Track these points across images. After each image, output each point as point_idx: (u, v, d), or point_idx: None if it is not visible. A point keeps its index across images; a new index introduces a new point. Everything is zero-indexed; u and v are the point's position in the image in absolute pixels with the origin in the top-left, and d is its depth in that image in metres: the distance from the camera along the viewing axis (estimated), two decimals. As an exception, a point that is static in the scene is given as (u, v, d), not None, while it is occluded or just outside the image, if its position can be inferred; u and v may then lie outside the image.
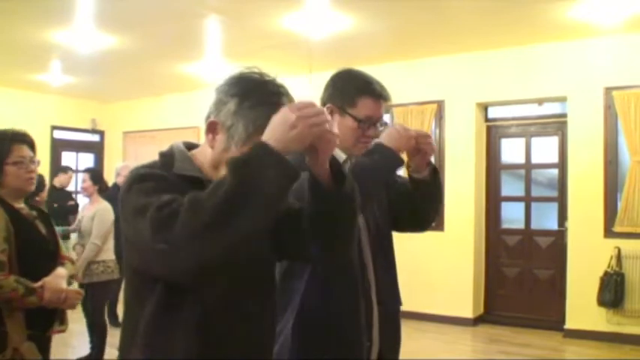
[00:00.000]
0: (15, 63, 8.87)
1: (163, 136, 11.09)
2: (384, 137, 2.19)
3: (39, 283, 2.64)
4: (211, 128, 1.69)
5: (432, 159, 2.38)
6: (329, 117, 1.55)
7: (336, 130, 1.57)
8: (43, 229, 2.86)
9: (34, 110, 10.61)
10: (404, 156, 2.25)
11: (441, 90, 8.05)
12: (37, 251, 2.76)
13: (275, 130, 1.47)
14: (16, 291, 2.55)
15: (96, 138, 12.25)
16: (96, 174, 6.40)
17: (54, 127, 11.16)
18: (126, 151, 11.88)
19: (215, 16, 6.62)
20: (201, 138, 9.53)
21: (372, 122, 2.26)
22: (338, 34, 6.98)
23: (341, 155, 2.29)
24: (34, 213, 2.89)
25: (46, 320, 2.74)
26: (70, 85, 10.21)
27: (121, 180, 7.77)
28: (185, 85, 10.24)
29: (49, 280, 2.67)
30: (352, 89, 2.30)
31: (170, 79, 9.81)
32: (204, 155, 1.75)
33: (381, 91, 2.31)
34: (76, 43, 7.43)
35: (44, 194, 6.95)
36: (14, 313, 2.59)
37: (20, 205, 2.82)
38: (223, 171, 1.55)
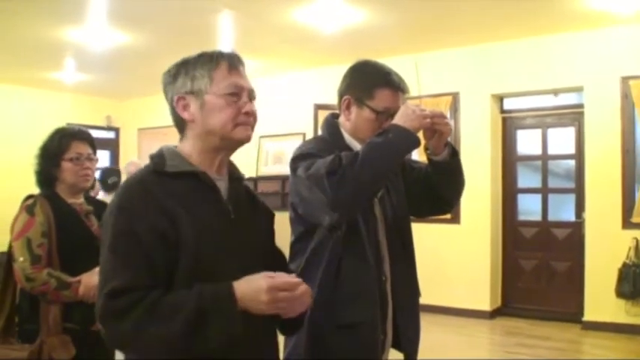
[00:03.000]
0: (29, 61, 8.91)
1: (178, 133, 11.11)
2: (398, 117, 2.13)
3: (76, 278, 2.68)
4: (181, 105, 1.76)
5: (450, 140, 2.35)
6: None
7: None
8: (95, 224, 2.89)
9: (49, 108, 10.67)
10: (420, 137, 2.20)
11: (456, 82, 8.01)
12: (81, 246, 2.79)
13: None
14: (49, 284, 2.60)
15: (111, 135, 12.31)
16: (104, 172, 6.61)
17: (69, 125, 11.19)
18: (141, 147, 11.92)
19: (228, 12, 6.62)
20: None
21: (389, 114, 2.23)
22: (350, 27, 6.96)
23: (356, 146, 2.28)
24: (90, 208, 2.92)
25: (88, 315, 2.75)
26: (84, 83, 10.26)
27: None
28: (199, 81, 10.23)
29: (86, 275, 2.69)
30: (370, 81, 2.28)
31: (184, 75, 9.81)
32: (189, 146, 1.80)
33: (399, 83, 2.29)
34: (89, 41, 7.46)
35: (96, 191, 7.04)
36: (50, 307, 2.63)
37: (75, 200, 2.87)
38: (214, 125, 1.72)
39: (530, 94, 7.84)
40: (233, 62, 1.81)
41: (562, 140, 7.80)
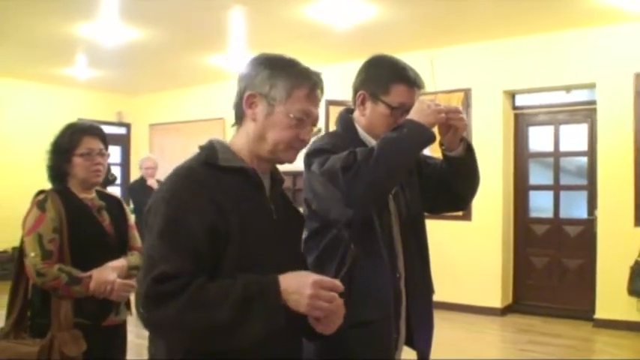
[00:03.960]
0: (41, 57, 8.95)
1: (189, 128, 11.16)
2: (413, 112, 2.12)
3: (87, 273, 2.69)
4: (249, 102, 1.75)
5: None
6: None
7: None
8: (107, 220, 2.90)
9: (60, 104, 10.73)
10: (435, 133, 2.17)
11: (468, 78, 7.98)
12: (92, 241, 2.81)
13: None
14: (59, 279, 2.62)
15: (122, 131, 12.35)
16: None
17: (80, 120, 11.24)
18: (152, 143, 11.95)
19: (239, 7, 6.62)
20: (227, 129, 9.62)
21: (404, 109, 2.21)
22: (362, 23, 6.95)
23: (371, 141, 2.27)
24: (102, 203, 2.93)
25: (100, 310, 2.76)
26: (95, 79, 10.29)
27: (144, 172, 7.83)
28: (210, 77, 10.26)
29: (97, 271, 2.71)
30: (386, 76, 2.27)
31: (195, 71, 9.84)
32: (241, 141, 1.80)
33: (415, 78, 2.27)
34: (101, 37, 7.48)
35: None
36: (61, 302, 2.64)
37: (86, 195, 2.88)
38: (270, 138, 1.73)
39: (543, 90, 7.80)
40: (315, 88, 1.77)
41: (574, 137, 7.76)
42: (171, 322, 1.54)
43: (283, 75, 1.73)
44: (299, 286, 1.57)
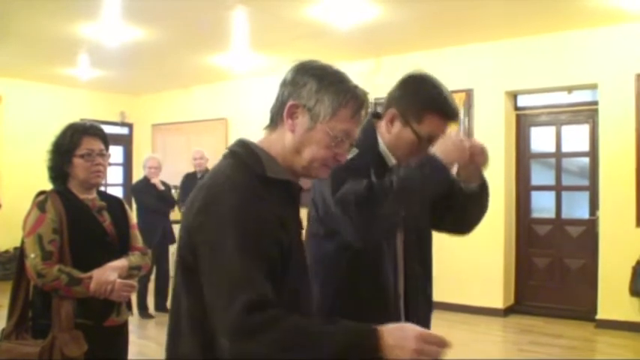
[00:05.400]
0: (44, 57, 8.96)
1: (192, 128, 11.18)
2: (438, 148, 2.04)
3: (87, 274, 2.69)
4: (291, 112, 1.67)
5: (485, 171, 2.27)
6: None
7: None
8: (107, 220, 2.90)
9: (63, 104, 10.75)
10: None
11: (470, 79, 7.97)
12: (93, 242, 2.81)
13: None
14: (60, 280, 2.62)
15: (125, 131, 12.35)
16: None
17: (83, 120, 11.25)
18: (155, 143, 11.96)
19: (242, 7, 6.62)
20: (229, 129, 9.61)
21: (432, 140, 2.14)
22: (365, 23, 6.94)
23: (390, 158, 2.23)
24: (103, 204, 2.93)
25: (101, 311, 2.76)
26: (98, 79, 10.30)
27: (147, 172, 7.86)
28: (213, 77, 10.27)
29: (97, 271, 2.71)
30: (422, 103, 2.17)
31: (198, 70, 9.85)
32: (277, 149, 1.72)
33: (453, 112, 2.20)
34: (103, 37, 7.48)
35: None
36: (62, 302, 2.64)
37: (87, 196, 2.88)
38: (306, 154, 1.67)
39: (545, 91, 7.80)
40: (361, 108, 1.71)
41: (576, 138, 7.76)
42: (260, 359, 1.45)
43: (331, 91, 1.66)
44: (402, 339, 1.48)
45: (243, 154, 1.69)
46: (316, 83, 1.66)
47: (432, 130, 2.16)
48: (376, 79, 8.66)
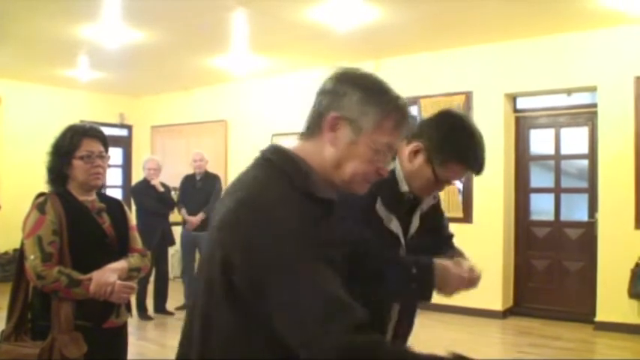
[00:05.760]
0: (44, 59, 8.97)
1: (191, 130, 11.18)
2: (439, 274, 2.03)
3: (87, 276, 2.69)
4: (332, 124, 1.57)
5: None
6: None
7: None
8: (107, 222, 2.90)
9: (63, 106, 10.75)
10: None
11: (469, 81, 7.98)
12: (92, 243, 2.81)
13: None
14: (59, 282, 2.62)
15: (124, 132, 12.36)
16: None
17: (82, 122, 11.25)
18: (154, 145, 11.97)
19: (241, 9, 6.63)
20: (229, 131, 9.58)
21: (449, 182, 2.20)
22: (364, 25, 6.95)
23: (403, 185, 2.22)
24: (102, 205, 2.93)
25: (100, 312, 2.77)
26: (98, 80, 10.31)
27: (147, 173, 7.88)
28: (212, 79, 10.28)
29: (97, 273, 2.71)
30: (452, 153, 2.14)
31: (197, 72, 9.86)
32: (315, 160, 1.60)
33: (479, 168, 2.18)
34: (103, 39, 7.49)
35: None
36: (61, 304, 2.64)
37: (87, 198, 2.87)
38: (348, 169, 1.58)
39: (544, 93, 7.80)
40: (405, 120, 1.62)
41: (575, 140, 7.77)
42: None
43: (375, 102, 1.57)
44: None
45: (283, 164, 1.57)
46: (359, 94, 1.57)
47: (453, 176, 2.20)
48: (375, 81, 8.69)
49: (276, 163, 1.57)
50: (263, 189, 1.51)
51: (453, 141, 2.14)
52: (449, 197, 7.82)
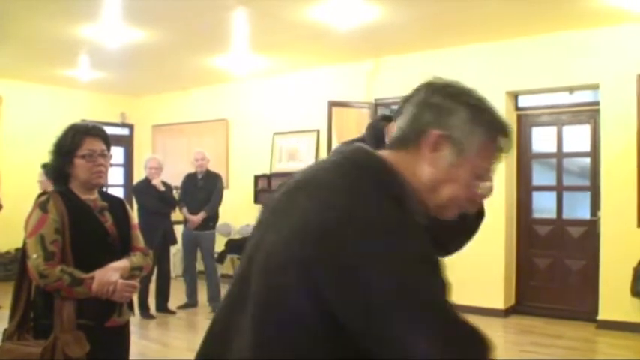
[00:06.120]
0: (44, 59, 8.97)
1: (192, 130, 11.18)
2: None
3: (89, 274, 2.69)
4: (434, 142, 1.39)
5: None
6: None
7: None
8: (109, 221, 2.90)
9: (64, 105, 10.75)
10: None
11: (471, 79, 7.73)
12: (95, 242, 2.81)
13: None
14: (62, 281, 2.62)
15: (125, 132, 12.36)
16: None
17: (83, 121, 11.26)
18: (155, 144, 11.97)
19: (242, 9, 6.62)
20: (230, 131, 9.57)
21: None
22: (365, 24, 6.95)
23: None
24: (105, 204, 2.93)
25: (103, 311, 2.77)
26: (99, 80, 10.30)
27: (148, 173, 7.88)
28: (213, 78, 10.28)
29: (99, 271, 2.71)
30: None
31: (198, 72, 9.86)
32: (408, 177, 1.41)
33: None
34: (104, 38, 7.49)
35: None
36: (64, 303, 2.64)
37: (89, 197, 2.87)
38: (445, 193, 1.42)
39: (546, 91, 7.79)
40: (508, 144, 1.48)
41: (577, 138, 7.76)
42: None
43: (483, 123, 1.42)
44: None
45: (380, 176, 1.36)
46: (467, 112, 1.41)
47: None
48: (376, 80, 8.69)
49: (370, 172, 1.36)
50: (368, 205, 1.27)
51: None
52: (450, 196, 7.80)
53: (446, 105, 1.42)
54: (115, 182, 11.92)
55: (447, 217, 1.49)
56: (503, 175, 7.71)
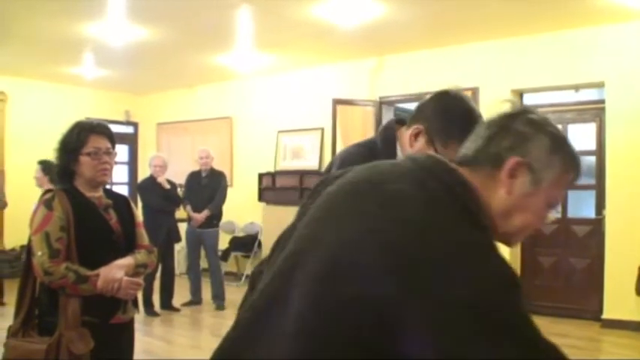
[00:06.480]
0: (49, 57, 8.98)
1: (197, 127, 11.19)
2: None
3: (94, 272, 2.69)
4: (514, 170, 1.36)
5: None
6: None
7: None
8: (114, 218, 2.90)
9: (68, 103, 10.77)
10: None
11: (476, 77, 7.95)
12: (100, 240, 2.81)
13: None
14: (67, 278, 2.62)
15: (130, 130, 12.37)
16: (46, 165, 6.85)
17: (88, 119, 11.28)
18: (159, 142, 11.98)
19: (246, 6, 6.63)
20: (234, 128, 9.57)
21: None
22: (369, 22, 6.94)
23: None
24: (109, 202, 2.93)
25: (107, 308, 2.77)
26: (103, 78, 10.32)
27: (153, 170, 7.89)
28: (217, 76, 10.28)
29: (104, 269, 2.71)
30: (453, 131, 2.05)
31: (202, 70, 9.86)
32: (490, 200, 1.37)
33: None
34: (108, 36, 7.50)
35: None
36: (69, 300, 2.64)
37: (94, 194, 2.88)
38: (517, 221, 1.41)
39: (551, 89, 7.77)
40: (578, 176, 1.45)
41: (583, 136, 7.73)
42: None
43: (562, 153, 1.40)
44: None
45: (465, 195, 1.31)
46: (548, 142, 1.39)
47: (454, 156, 2.15)
48: (381, 78, 8.68)
49: (453, 191, 1.30)
50: (451, 225, 1.24)
51: (453, 120, 2.10)
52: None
53: (527, 132, 1.39)
54: (119, 180, 11.93)
55: (512, 244, 1.48)
56: (507, 173, 7.70)
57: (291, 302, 1.22)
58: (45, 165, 6.77)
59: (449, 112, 2.13)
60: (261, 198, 10.02)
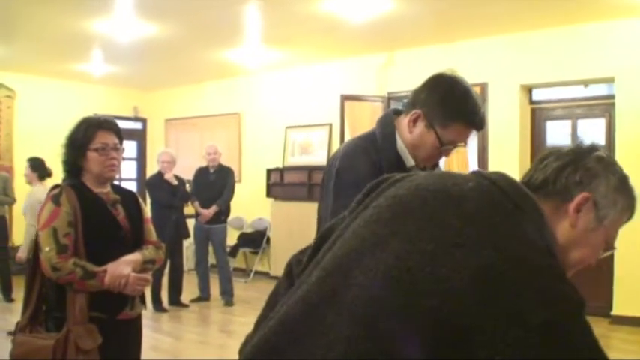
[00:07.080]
0: (57, 53, 9.00)
1: (205, 123, 11.20)
2: None
3: (102, 268, 2.69)
4: (580, 205, 1.38)
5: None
6: None
7: None
8: (121, 214, 2.90)
9: (77, 100, 10.78)
10: None
11: (485, 72, 7.91)
12: (107, 235, 2.81)
13: None
14: (74, 273, 2.62)
15: (138, 126, 12.40)
16: (35, 163, 7.11)
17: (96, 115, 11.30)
18: (168, 138, 12.00)
19: (254, 2, 6.62)
20: (242, 124, 9.57)
21: (453, 145, 2.15)
22: (378, 17, 6.92)
23: (408, 158, 2.21)
24: (117, 197, 2.93)
25: (115, 304, 2.77)
26: (111, 74, 10.34)
27: (161, 167, 7.90)
28: (226, 72, 10.28)
29: (111, 265, 2.71)
30: (451, 112, 2.11)
31: (211, 65, 9.86)
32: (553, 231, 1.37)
33: (480, 123, 2.16)
34: (116, 32, 7.50)
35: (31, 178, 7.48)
36: (76, 295, 2.64)
37: (101, 190, 2.88)
38: (577, 255, 1.43)
39: (560, 84, 7.73)
40: (631, 217, 1.49)
41: (592, 132, 7.69)
42: None
43: (626, 193, 1.44)
44: None
45: (539, 222, 1.31)
46: (615, 181, 1.41)
47: (456, 137, 2.15)
48: (389, 73, 8.66)
49: (529, 216, 1.29)
50: (529, 249, 1.23)
51: (450, 100, 2.13)
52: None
53: (596, 170, 1.40)
54: (128, 176, 11.97)
55: (571, 268, 1.49)
56: (517, 168, 7.66)
57: (347, 302, 1.17)
58: (33, 162, 7.00)
59: (446, 94, 2.15)
60: (269, 194, 10.03)
